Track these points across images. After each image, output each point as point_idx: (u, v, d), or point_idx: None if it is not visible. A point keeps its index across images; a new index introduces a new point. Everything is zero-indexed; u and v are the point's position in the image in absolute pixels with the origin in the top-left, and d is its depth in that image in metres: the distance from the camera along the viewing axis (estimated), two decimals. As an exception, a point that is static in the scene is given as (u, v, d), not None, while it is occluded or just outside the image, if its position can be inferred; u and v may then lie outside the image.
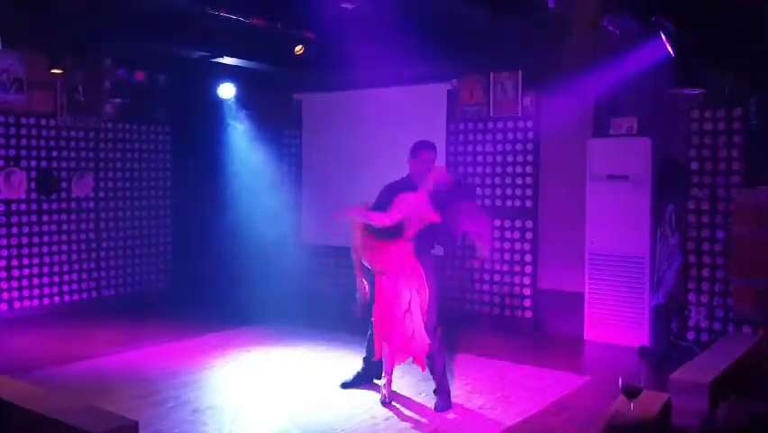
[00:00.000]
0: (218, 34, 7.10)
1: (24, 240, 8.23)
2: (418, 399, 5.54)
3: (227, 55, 7.87)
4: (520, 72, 7.87)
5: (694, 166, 6.97)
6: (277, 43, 7.39)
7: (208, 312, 8.27)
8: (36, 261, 8.36)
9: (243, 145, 9.33)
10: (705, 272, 6.93)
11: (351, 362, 6.21)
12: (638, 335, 7.03)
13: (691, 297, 6.98)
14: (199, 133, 9.45)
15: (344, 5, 6.00)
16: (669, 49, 5.86)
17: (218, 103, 9.22)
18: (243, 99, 9.30)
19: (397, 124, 8.54)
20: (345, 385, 5.75)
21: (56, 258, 8.54)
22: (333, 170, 9.02)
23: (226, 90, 9.08)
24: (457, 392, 5.69)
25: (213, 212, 9.25)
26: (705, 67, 6.50)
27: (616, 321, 7.18)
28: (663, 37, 5.76)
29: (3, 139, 8.00)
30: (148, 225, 9.52)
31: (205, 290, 9.03)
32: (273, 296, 8.32)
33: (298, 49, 7.45)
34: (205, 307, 8.52)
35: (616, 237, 7.18)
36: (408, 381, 5.91)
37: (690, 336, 6.97)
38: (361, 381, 5.77)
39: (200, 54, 7.85)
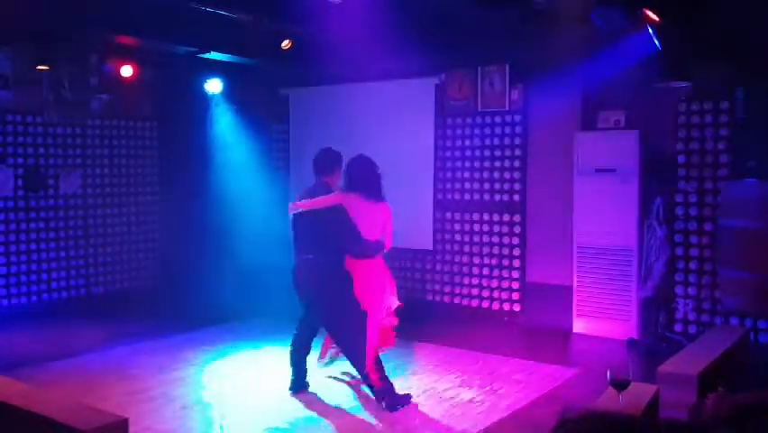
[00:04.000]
0: (205, 29, 7.06)
1: (12, 237, 8.18)
2: (408, 392, 5.54)
3: (214, 50, 7.83)
4: (507, 66, 7.88)
5: (681, 159, 7.00)
6: (264, 38, 7.36)
7: (196, 308, 8.24)
8: (24, 258, 8.30)
9: (231, 140, 9.29)
10: (693, 265, 6.97)
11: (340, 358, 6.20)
12: (626, 327, 7.06)
13: (679, 289, 7.02)
14: (187, 128, 9.41)
15: (332, 0, 5.98)
16: (656, 42, 5.89)
17: (205, 98, 9.18)
18: (231, 94, 9.26)
19: (385, 119, 8.55)
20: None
21: (44, 255, 8.49)
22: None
23: (213, 85, 9.04)
24: (446, 386, 5.70)
25: (201, 207, 9.22)
26: (692, 60, 6.54)
27: (604, 314, 7.21)
28: (650, 31, 5.78)
29: (-12, 136, 7.95)
30: (136, 222, 9.48)
31: (193, 286, 9.00)
32: (261, 292, 8.31)
33: (285, 43, 7.44)
34: (194, 303, 8.48)
35: (604, 230, 7.20)
36: (397, 374, 5.92)
37: (678, 328, 7.01)
38: None
39: (187, 50, 7.82)
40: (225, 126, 9.34)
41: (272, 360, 6.43)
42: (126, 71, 8.57)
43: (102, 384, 5.63)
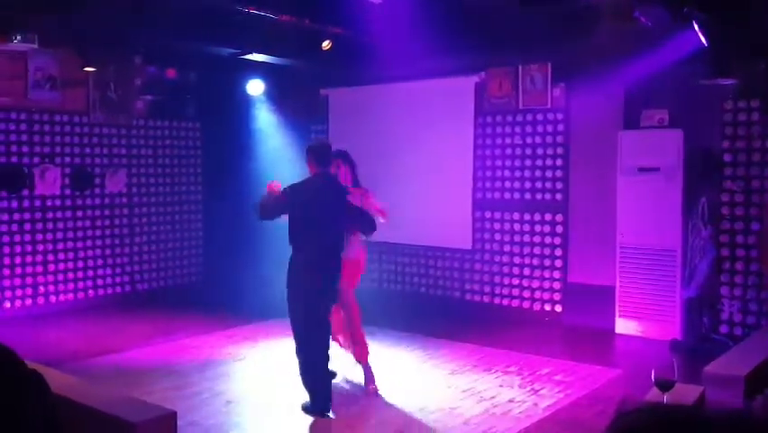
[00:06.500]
0: (247, 31, 7.14)
1: (59, 235, 8.37)
2: (447, 391, 5.56)
3: (256, 52, 7.91)
4: (549, 64, 7.81)
5: (727, 158, 6.88)
6: (305, 39, 7.43)
7: (238, 305, 8.33)
8: (71, 255, 8.49)
9: (272, 140, 9.38)
10: (738, 265, 6.84)
11: (374, 350, 6.23)
12: (670, 328, 6.97)
13: (724, 290, 6.90)
14: (229, 128, 9.53)
15: (372, 0, 6.01)
16: (702, 39, 5.79)
17: (247, 99, 9.29)
18: (272, 95, 9.35)
19: (425, 118, 8.54)
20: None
21: (90, 253, 8.68)
22: (361, 165, 9.03)
23: (255, 86, 9.14)
24: (486, 386, 5.69)
25: (242, 207, 9.31)
26: (738, 56, 6.42)
27: (647, 314, 7.13)
28: (696, 27, 5.69)
29: (38, 136, 8.14)
30: (180, 220, 9.63)
31: (236, 283, 9.10)
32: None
33: (326, 44, 7.48)
34: (236, 299, 8.57)
35: (647, 230, 7.11)
36: (436, 374, 5.93)
37: (724, 329, 6.89)
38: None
39: (229, 51, 7.91)
40: (266, 127, 9.43)
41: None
42: (170, 73, 8.71)
43: (147, 379, 5.73)
